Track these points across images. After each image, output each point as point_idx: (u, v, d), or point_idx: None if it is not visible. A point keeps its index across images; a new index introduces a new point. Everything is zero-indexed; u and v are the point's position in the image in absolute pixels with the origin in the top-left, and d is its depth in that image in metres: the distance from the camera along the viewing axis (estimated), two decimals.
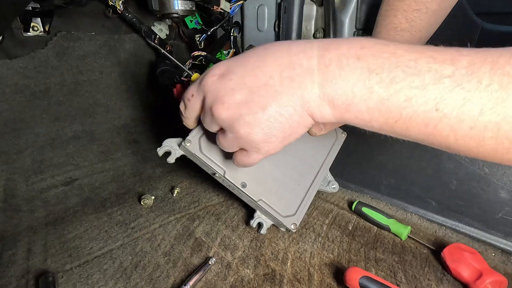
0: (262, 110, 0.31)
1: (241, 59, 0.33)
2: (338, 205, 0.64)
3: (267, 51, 0.32)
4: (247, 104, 0.31)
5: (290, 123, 0.31)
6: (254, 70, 0.31)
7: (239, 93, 0.31)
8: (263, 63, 0.31)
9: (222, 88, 0.32)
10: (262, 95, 0.30)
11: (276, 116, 0.31)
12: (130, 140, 0.82)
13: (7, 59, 0.60)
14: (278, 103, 0.30)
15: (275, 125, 0.31)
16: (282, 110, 0.30)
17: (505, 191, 0.50)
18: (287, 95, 0.30)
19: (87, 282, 0.44)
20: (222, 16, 0.76)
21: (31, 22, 0.62)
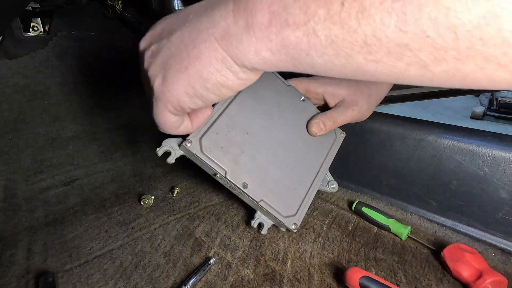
0: (168, 34, 0.29)
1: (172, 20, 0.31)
2: (338, 205, 0.64)
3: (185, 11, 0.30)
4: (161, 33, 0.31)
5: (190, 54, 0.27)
6: (178, 14, 0.30)
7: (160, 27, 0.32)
8: (186, 10, 0.29)
9: (150, 33, 0.33)
10: (175, 23, 0.30)
11: (177, 42, 0.28)
12: (130, 140, 0.82)
13: (7, 59, 0.60)
14: (184, 29, 0.28)
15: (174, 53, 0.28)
16: (185, 35, 0.27)
17: (505, 191, 0.50)
18: (196, 21, 0.27)
19: (87, 282, 0.44)
20: None
21: (31, 22, 0.63)
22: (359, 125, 0.64)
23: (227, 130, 0.50)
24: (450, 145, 0.54)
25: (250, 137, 0.52)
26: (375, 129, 0.62)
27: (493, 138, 0.53)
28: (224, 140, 0.49)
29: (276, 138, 0.53)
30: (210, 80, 0.27)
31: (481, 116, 2.89)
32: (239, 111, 0.52)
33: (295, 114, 0.56)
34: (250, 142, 0.51)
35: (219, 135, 0.49)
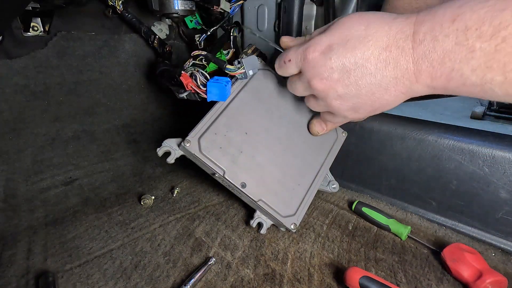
0: (356, 89, 0.34)
1: (342, 36, 0.34)
2: (338, 205, 0.64)
3: (368, 30, 0.32)
4: (343, 82, 0.34)
5: (380, 101, 0.34)
6: (353, 52, 0.33)
7: (337, 72, 0.34)
8: (363, 45, 0.32)
9: (323, 65, 0.35)
10: (357, 76, 0.33)
11: (368, 94, 0.34)
12: (130, 140, 0.82)
13: (7, 59, 0.60)
14: (371, 84, 0.33)
15: (365, 101, 0.34)
16: (374, 90, 0.33)
17: (505, 191, 0.50)
18: (381, 77, 0.32)
19: (87, 282, 0.44)
20: (222, 16, 0.76)
21: (31, 22, 0.62)
22: (359, 125, 0.64)
23: (225, 131, 0.50)
24: (450, 145, 0.54)
25: (249, 137, 0.52)
26: (375, 129, 0.62)
27: (493, 138, 0.53)
28: (222, 140, 0.50)
29: (276, 138, 0.53)
30: (392, 108, 0.36)
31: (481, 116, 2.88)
32: (238, 111, 0.52)
33: (296, 114, 0.56)
34: (249, 142, 0.51)
35: (217, 135, 0.49)
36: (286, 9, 0.71)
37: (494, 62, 0.24)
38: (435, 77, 0.29)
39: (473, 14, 0.25)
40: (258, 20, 0.81)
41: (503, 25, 0.23)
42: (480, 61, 0.25)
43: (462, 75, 0.27)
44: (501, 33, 0.23)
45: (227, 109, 0.51)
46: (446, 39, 0.26)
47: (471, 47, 0.25)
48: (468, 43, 0.25)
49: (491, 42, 0.24)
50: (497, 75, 0.25)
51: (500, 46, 0.23)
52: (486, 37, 0.24)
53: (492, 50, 0.24)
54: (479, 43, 0.24)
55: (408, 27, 0.30)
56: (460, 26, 0.25)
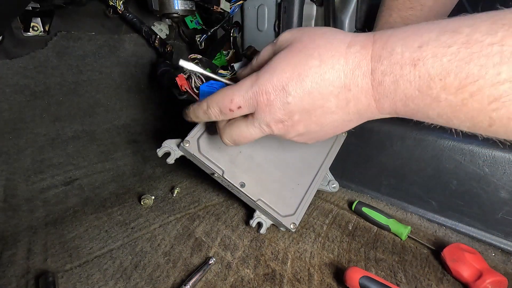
0: (319, 127, 0.33)
1: (295, 74, 0.30)
2: (338, 205, 0.64)
3: (322, 66, 0.29)
4: (304, 122, 0.33)
5: (342, 129, 0.34)
6: (311, 93, 0.30)
7: (297, 115, 0.32)
8: (319, 84, 0.30)
9: (281, 110, 0.32)
10: (318, 115, 0.32)
11: (331, 128, 0.33)
12: (130, 140, 0.82)
13: (7, 59, 0.60)
14: (333, 121, 0.32)
15: (328, 132, 0.34)
16: (337, 124, 0.33)
17: (505, 191, 0.50)
18: (343, 113, 0.31)
19: (87, 282, 0.44)
20: (222, 16, 0.76)
21: (31, 22, 0.62)
22: (359, 125, 0.64)
23: None
24: (450, 145, 0.54)
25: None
26: (375, 129, 0.62)
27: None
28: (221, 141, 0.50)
29: (275, 138, 0.53)
30: None
31: None
32: None
33: None
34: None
35: (216, 135, 0.50)
36: (286, 9, 0.71)
37: (461, 114, 0.23)
38: (399, 113, 0.28)
39: (436, 61, 0.22)
40: (258, 20, 0.81)
41: (470, 80, 0.21)
42: (447, 110, 0.24)
43: (428, 117, 0.26)
44: (468, 88, 0.21)
45: None
46: (408, 84, 0.25)
47: (436, 97, 0.23)
48: (432, 93, 0.23)
49: (458, 96, 0.22)
50: (465, 123, 0.24)
51: (467, 101, 0.22)
52: (451, 90, 0.22)
53: (459, 103, 0.22)
54: (444, 94, 0.23)
55: (365, 62, 0.28)
56: (422, 74, 0.23)
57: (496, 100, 0.20)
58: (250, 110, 0.34)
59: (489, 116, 0.22)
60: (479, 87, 0.21)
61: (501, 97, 0.20)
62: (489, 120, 0.22)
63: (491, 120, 0.22)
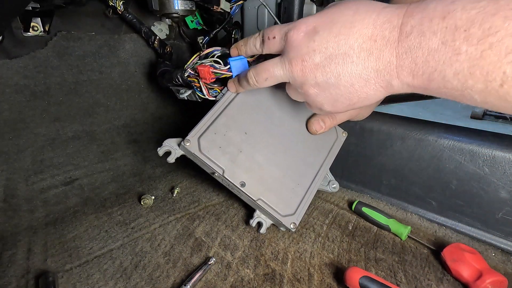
0: (335, 78, 0.32)
1: (329, 19, 0.33)
2: (338, 205, 0.64)
3: (355, 16, 0.31)
4: (324, 68, 0.32)
5: (359, 94, 0.32)
6: (338, 37, 0.31)
7: (319, 56, 0.32)
8: (348, 31, 0.31)
9: (305, 46, 0.33)
10: (338, 63, 0.31)
11: (346, 85, 0.32)
12: (130, 140, 0.82)
13: (7, 59, 0.60)
14: (351, 74, 0.31)
15: (343, 93, 0.33)
16: (354, 81, 0.31)
17: (505, 191, 0.50)
18: (363, 68, 0.30)
19: (87, 282, 0.44)
20: (222, 16, 0.76)
21: (31, 22, 0.62)
22: (359, 125, 0.64)
23: (225, 130, 0.50)
24: (450, 145, 0.54)
25: (248, 136, 0.52)
26: (375, 129, 0.62)
27: (493, 138, 0.53)
28: (222, 140, 0.50)
29: (276, 137, 0.54)
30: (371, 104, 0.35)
31: (481, 116, 2.88)
32: (238, 111, 0.52)
33: (295, 113, 0.56)
34: (248, 142, 0.51)
35: (217, 135, 0.50)
36: (286, 9, 0.71)
37: (477, 69, 0.23)
38: (416, 75, 0.28)
39: (464, 13, 0.24)
40: (258, 20, 0.81)
41: (492, 30, 0.22)
42: (464, 65, 0.24)
43: (444, 78, 0.26)
44: (489, 39, 0.22)
45: (227, 109, 0.51)
46: (433, 36, 0.25)
47: (457, 49, 0.24)
48: (454, 44, 0.24)
49: (478, 47, 0.23)
50: (479, 83, 0.24)
51: (486, 53, 0.23)
52: (473, 41, 0.23)
53: (477, 56, 0.23)
54: (466, 46, 0.23)
55: (397, 18, 0.28)
56: (449, 25, 0.24)
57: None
58: (282, 43, 0.36)
59: (503, 71, 0.22)
60: (499, 38, 0.22)
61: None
62: (502, 77, 0.22)
63: (504, 76, 0.22)
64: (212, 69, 0.49)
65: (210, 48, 0.53)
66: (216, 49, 0.52)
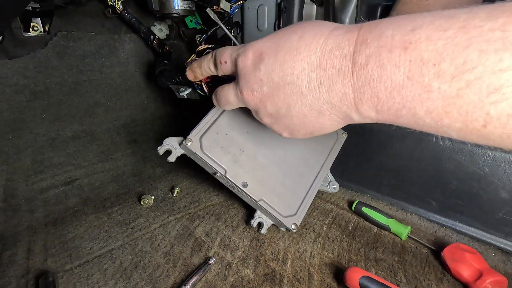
0: (286, 108, 0.30)
1: (274, 45, 0.30)
2: (338, 205, 0.64)
3: (300, 42, 0.28)
4: (273, 98, 0.31)
5: (314, 124, 0.30)
6: (283, 65, 0.29)
7: (266, 86, 0.31)
8: (294, 58, 0.28)
9: (253, 76, 0.32)
10: (287, 93, 0.29)
11: (299, 116, 0.30)
12: (130, 140, 0.82)
13: (7, 59, 0.60)
14: (302, 105, 0.29)
15: (297, 123, 0.31)
16: (306, 112, 0.29)
17: (505, 191, 0.50)
18: (314, 99, 0.28)
19: (87, 282, 0.44)
20: (222, 16, 0.76)
21: (31, 22, 0.62)
22: (359, 125, 0.63)
23: (227, 130, 0.50)
24: (450, 145, 0.54)
25: (250, 136, 0.52)
26: (375, 129, 0.62)
27: None
28: (224, 140, 0.50)
29: (277, 138, 0.53)
30: (331, 131, 0.32)
31: None
32: (240, 111, 0.52)
33: None
34: (250, 142, 0.51)
35: (219, 134, 0.49)
36: (286, 9, 0.71)
37: (454, 108, 0.20)
38: (380, 111, 0.24)
39: (430, 44, 0.20)
40: (258, 20, 0.81)
41: (468, 66, 0.19)
42: (437, 104, 0.21)
43: (414, 115, 0.23)
44: (465, 76, 0.19)
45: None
46: (396, 70, 0.22)
47: (427, 86, 0.20)
48: (423, 80, 0.21)
49: (453, 84, 0.19)
50: (456, 122, 0.21)
51: (463, 92, 0.19)
52: (446, 77, 0.20)
53: (453, 94, 0.20)
54: (438, 83, 0.20)
55: (348, 44, 0.25)
56: (414, 57, 0.21)
57: (497, 91, 0.18)
58: (232, 68, 0.36)
59: (486, 112, 0.19)
60: (478, 75, 0.18)
61: (502, 87, 0.18)
62: (485, 118, 0.19)
63: (487, 117, 0.19)
64: None
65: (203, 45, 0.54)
66: (208, 47, 0.54)
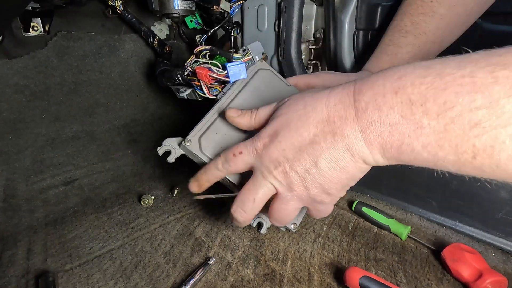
0: (315, 166, 0.32)
1: (283, 120, 0.34)
2: (338, 205, 0.64)
3: (307, 107, 0.32)
4: (299, 161, 0.32)
5: (346, 174, 0.32)
6: (299, 130, 0.32)
7: (290, 152, 0.32)
8: (306, 122, 0.32)
9: (275, 149, 0.33)
10: (310, 153, 0.31)
11: (329, 170, 0.31)
12: (130, 140, 0.82)
13: (7, 59, 0.60)
14: (327, 158, 0.31)
15: (331, 177, 0.32)
16: (333, 164, 0.31)
17: (505, 191, 0.50)
18: (334, 149, 0.30)
19: (87, 282, 0.44)
20: (222, 16, 0.76)
21: (31, 22, 0.62)
22: None
23: (226, 130, 0.50)
24: None
25: (249, 137, 0.52)
26: None
27: None
28: (223, 140, 0.50)
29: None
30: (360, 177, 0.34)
31: None
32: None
33: None
34: None
35: (218, 134, 0.49)
36: (286, 9, 0.71)
37: (445, 141, 0.23)
38: (386, 149, 0.27)
39: (415, 88, 0.24)
40: (258, 20, 0.81)
41: (448, 105, 0.22)
42: (431, 138, 0.23)
43: (413, 150, 0.25)
44: (448, 113, 0.22)
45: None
46: (391, 111, 0.25)
47: (419, 123, 0.24)
48: (414, 118, 0.24)
49: (440, 121, 0.22)
50: (450, 155, 0.23)
51: (449, 127, 0.22)
52: (432, 115, 0.23)
53: (441, 129, 0.22)
54: (427, 119, 0.23)
55: (347, 97, 0.29)
56: (404, 99, 0.24)
57: (477, 126, 0.21)
58: (251, 157, 0.36)
59: (472, 144, 0.21)
60: (458, 112, 0.21)
61: (480, 122, 0.21)
62: (473, 150, 0.22)
63: (474, 149, 0.22)
64: (210, 72, 0.50)
65: (201, 46, 0.54)
66: (206, 48, 0.54)
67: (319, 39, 0.72)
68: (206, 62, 0.53)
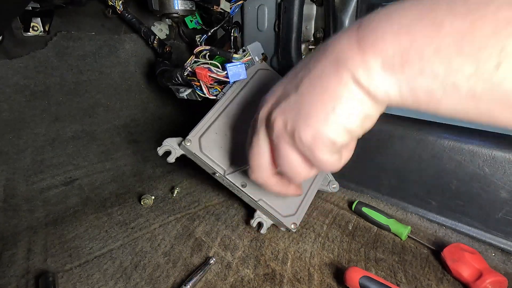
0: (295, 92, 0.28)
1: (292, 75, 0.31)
2: (338, 205, 0.64)
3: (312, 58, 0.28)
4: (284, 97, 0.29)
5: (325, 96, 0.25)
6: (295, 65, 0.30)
7: (285, 79, 0.31)
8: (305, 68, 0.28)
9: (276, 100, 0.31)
10: (304, 67, 0.28)
11: (308, 88, 0.26)
12: (130, 140, 0.82)
13: (7, 59, 0.60)
14: (316, 69, 0.26)
15: (307, 98, 0.27)
16: (312, 82, 0.26)
17: (505, 191, 0.50)
18: (325, 61, 0.25)
19: (87, 282, 0.44)
20: (222, 16, 0.76)
21: (31, 22, 0.62)
22: None
23: (226, 130, 0.50)
24: (450, 145, 0.54)
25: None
26: (375, 129, 0.61)
27: (493, 138, 0.53)
28: (223, 140, 0.50)
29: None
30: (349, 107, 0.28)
31: None
32: (239, 111, 0.52)
33: None
34: None
35: (218, 134, 0.50)
36: (286, 9, 0.71)
37: (465, 43, 0.18)
38: (387, 59, 0.21)
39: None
40: (258, 20, 0.81)
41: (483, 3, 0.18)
42: (448, 40, 0.19)
43: (422, 57, 0.20)
44: (480, 10, 0.18)
45: (227, 109, 0.51)
46: (403, 12, 0.21)
47: (440, 23, 0.19)
48: (435, 16, 0.20)
49: (467, 18, 0.18)
50: (467, 64, 0.18)
51: (477, 24, 0.18)
52: (459, 14, 0.19)
53: (465, 27, 0.18)
54: (451, 18, 0.19)
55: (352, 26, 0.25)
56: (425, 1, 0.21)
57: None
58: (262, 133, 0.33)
59: (501, 47, 0.16)
60: (495, 8, 0.17)
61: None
62: (499, 54, 0.17)
63: (502, 53, 0.17)
64: (210, 73, 0.50)
65: (201, 46, 0.54)
66: (205, 48, 0.54)
67: (319, 39, 0.72)
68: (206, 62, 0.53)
